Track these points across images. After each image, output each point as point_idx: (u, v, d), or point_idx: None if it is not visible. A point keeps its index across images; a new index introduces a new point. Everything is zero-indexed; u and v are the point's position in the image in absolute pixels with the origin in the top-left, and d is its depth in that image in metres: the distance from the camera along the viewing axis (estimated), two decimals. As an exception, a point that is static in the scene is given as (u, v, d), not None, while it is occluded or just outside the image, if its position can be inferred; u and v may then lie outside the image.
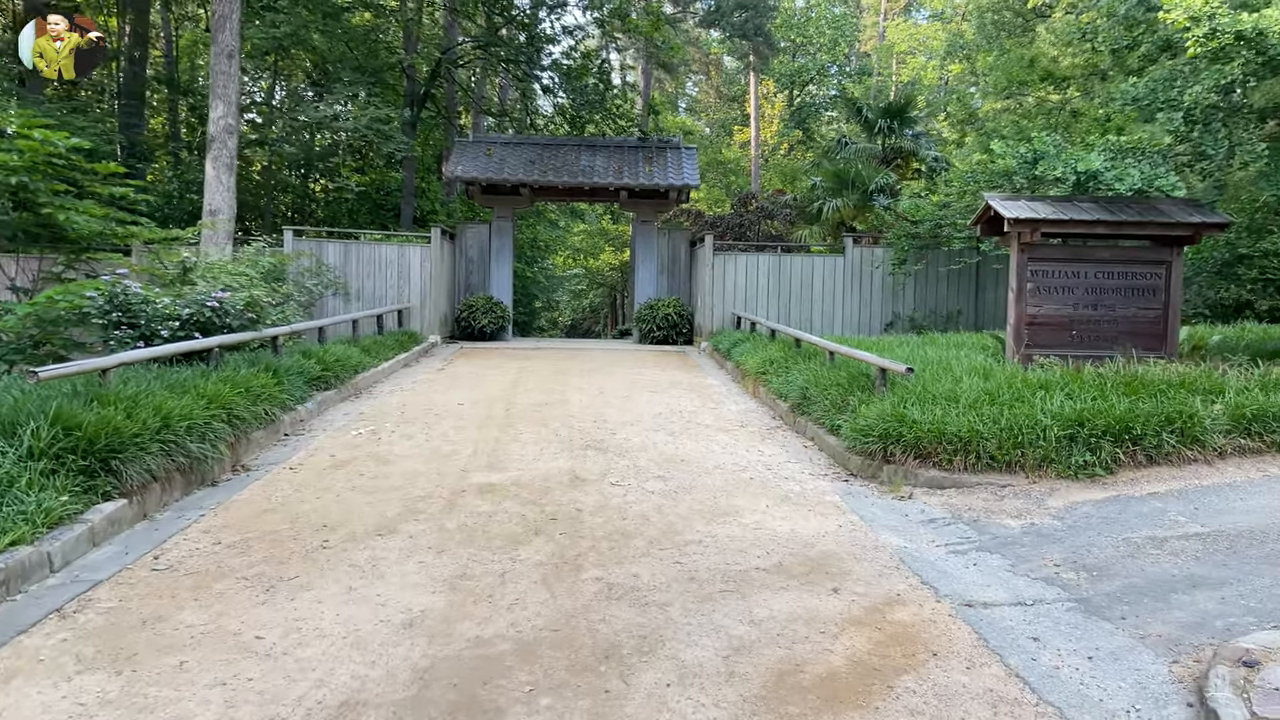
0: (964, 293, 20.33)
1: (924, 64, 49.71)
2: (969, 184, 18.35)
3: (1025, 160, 10.15)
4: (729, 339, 17.30)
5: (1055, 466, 7.48)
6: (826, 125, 47.08)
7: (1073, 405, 7.83)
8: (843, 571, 5.73)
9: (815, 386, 10.47)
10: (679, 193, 21.12)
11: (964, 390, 8.55)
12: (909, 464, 7.93)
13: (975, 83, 33.38)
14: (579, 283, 46.78)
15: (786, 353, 13.33)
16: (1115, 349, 10.49)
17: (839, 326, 20.09)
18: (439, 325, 19.51)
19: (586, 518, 6.69)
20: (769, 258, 20.42)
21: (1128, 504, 6.95)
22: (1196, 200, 10.47)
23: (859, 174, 22.47)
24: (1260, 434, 7.59)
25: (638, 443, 9.35)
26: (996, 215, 10.45)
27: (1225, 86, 9.35)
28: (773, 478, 8.16)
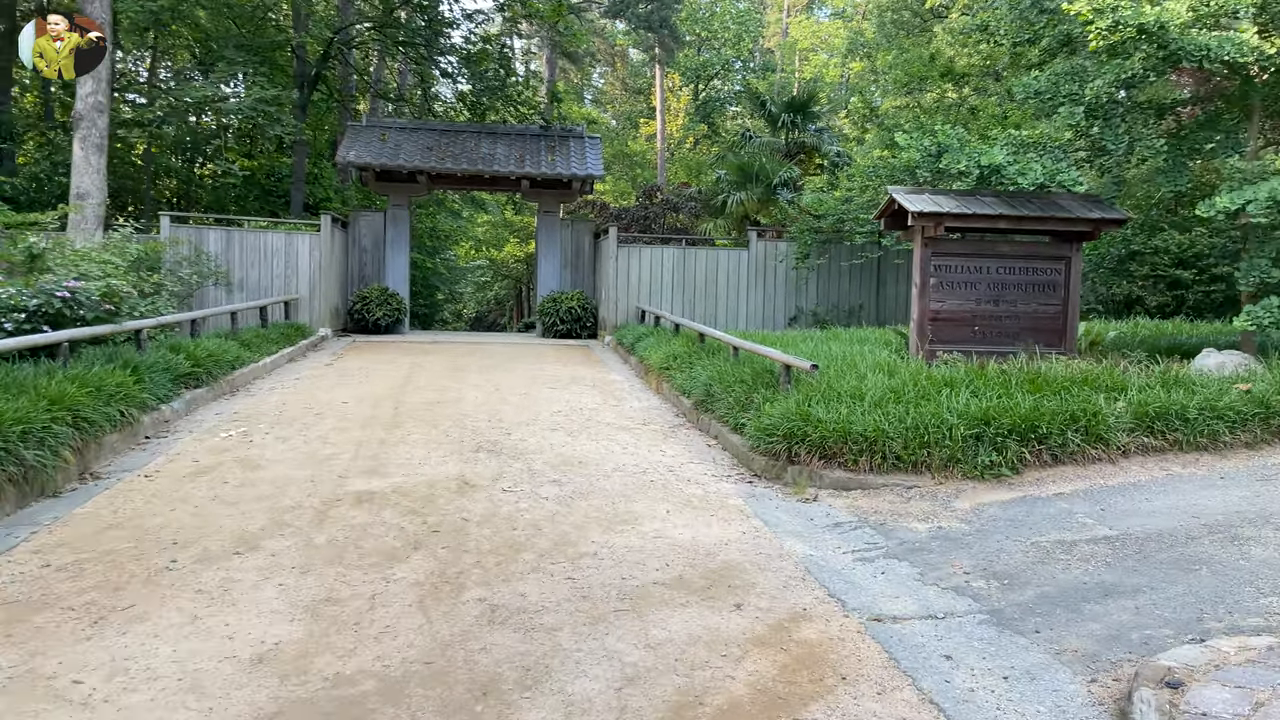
0: (866, 287, 20.37)
1: (826, 61, 50.26)
2: (871, 179, 18.35)
3: (929, 153, 10.00)
4: (633, 333, 16.91)
5: (962, 467, 7.28)
6: (731, 120, 47.20)
7: (978, 403, 7.65)
8: (746, 584, 5.37)
9: (719, 383, 10.14)
10: (583, 183, 20.63)
11: (869, 388, 8.31)
12: (814, 465, 7.64)
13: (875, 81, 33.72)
14: (483, 274, 45.86)
15: (690, 348, 13.00)
16: (1017, 345, 10.44)
17: (743, 321, 19.91)
18: (330, 318, 18.62)
19: (473, 529, 6.18)
20: (674, 251, 20.11)
21: (1034, 505, 6.78)
22: (1096, 196, 10.50)
23: (763, 168, 22.33)
24: (1163, 432, 7.53)
25: (534, 444, 8.86)
26: (900, 209, 10.28)
27: (1126, 81, 9.34)
28: (675, 480, 7.78)
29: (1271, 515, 6.17)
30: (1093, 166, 10.59)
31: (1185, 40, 8.63)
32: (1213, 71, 9.65)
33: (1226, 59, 8.43)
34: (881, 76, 30.67)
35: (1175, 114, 10.55)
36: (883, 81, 29.41)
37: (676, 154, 46.66)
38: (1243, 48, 8.38)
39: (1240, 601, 4.89)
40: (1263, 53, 8.46)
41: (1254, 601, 4.88)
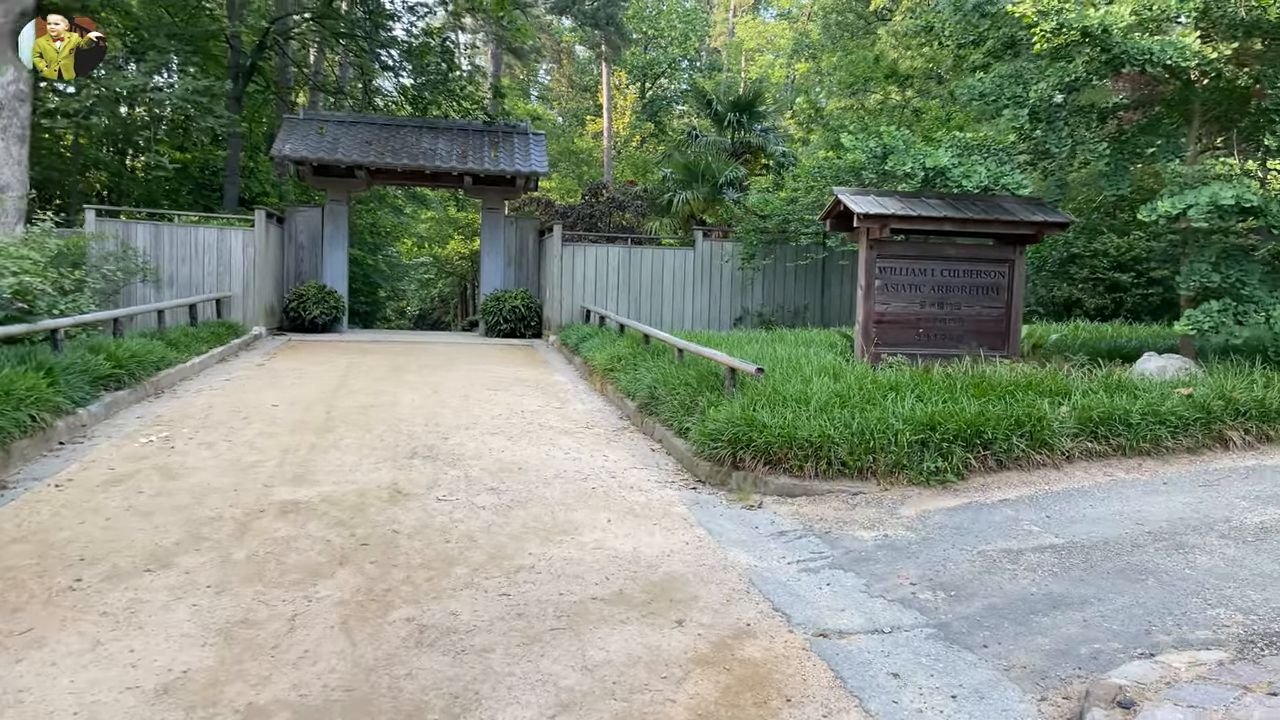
0: (811, 288, 20.36)
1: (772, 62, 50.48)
2: (816, 180, 18.34)
3: (875, 154, 9.92)
4: (578, 333, 16.67)
5: (907, 473, 7.18)
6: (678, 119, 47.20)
7: (924, 408, 7.56)
8: (689, 598, 5.18)
9: (664, 385, 9.96)
10: (527, 180, 20.32)
11: (815, 391, 8.19)
12: (759, 470, 7.48)
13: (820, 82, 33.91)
14: (426, 272, 45.23)
15: (635, 349, 12.81)
16: (961, 347, 10.41)
17: (689, 321, 19.77)
18: (264, 316, 18.07)
19: (404, 542, 5.90)
20: (619, 249, 19.90)
21: (980, 512, 6.70)
22: (1039, 199, 10.51)
23: (709, 167, 22.23)
24: (1106, 437, 7.50)
25: (472, 449, 8.58)
26: (846, 210, 10.18)
27: (1069, 84, 9.34)
28: (617, 487, 7.57)
29: (1215, 523, 6.14)
30: (1036, 169, 10.61)
31: (1128, 44, 8.65)
32: (1154, 76, 9.71)
33: (1169, 63, 8.46)
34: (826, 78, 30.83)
35: (1117, 118, 10.62)
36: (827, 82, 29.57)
37: (623, 152, 46.46)
38: (1185, 52, 8.42)
39: (1188, 613, 4.82)
40: (1204, 57, 8.51)
41: (1201, 613, 4.81)
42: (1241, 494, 6.72)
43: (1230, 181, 8.50)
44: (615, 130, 45.31)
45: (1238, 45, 8.64)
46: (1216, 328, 8.58)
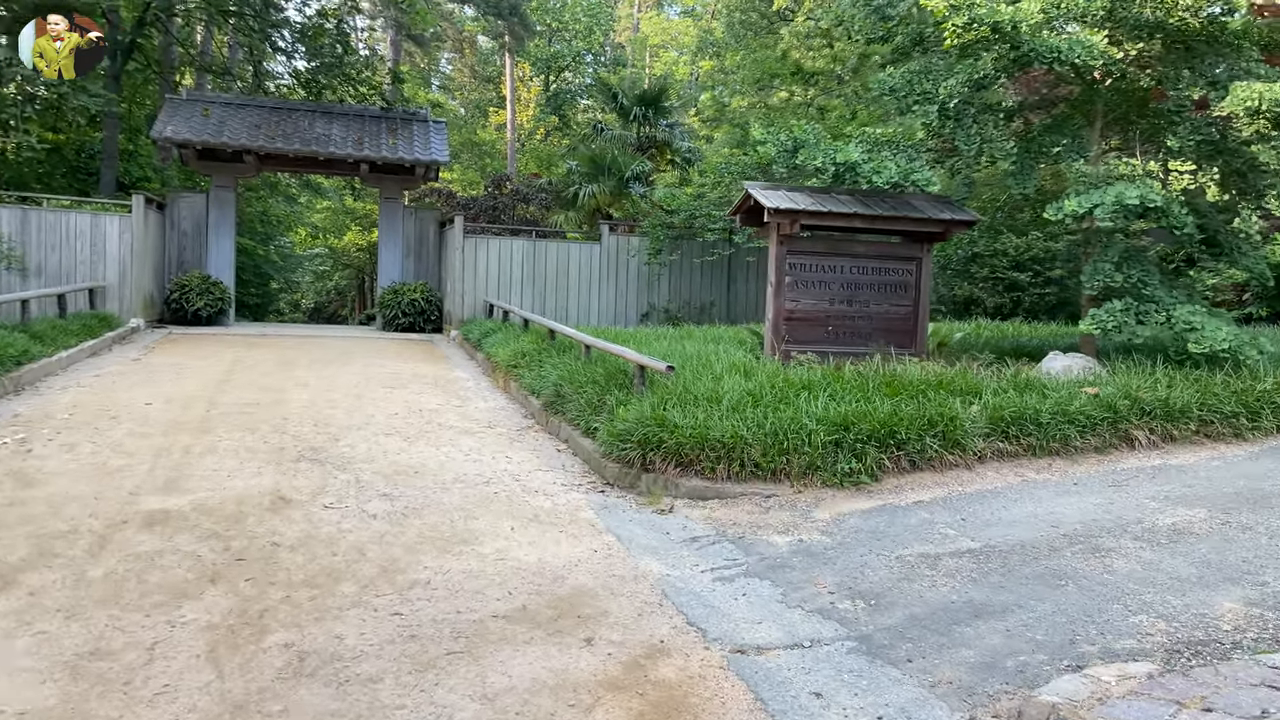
0: (717, 284, 20.24)
1: (676, 59, 50.49)
2: (723, 175, 18.21)
3: (786, 148, 9.74)
4: (480, 328, 16.14)
5: (821, 474, 6.97)
6: (583, 113, 46.81)
7: (837, 408, 7.37)
8: (598, 613, 4.83)
9: (570, 383, 9.59)
10: (427, 169, 19.64)
11: (726, 390, 7.93)
12: (670, 472, 7.19)
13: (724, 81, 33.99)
14: (322, 263, 43.73)
15: (540, 345, 12.39)
16: (870, 345, 10.32)
17: (595, 317, 19.42)
18: (143, 308, 17.00)
19: (285, 555, 5.40)
20: (524, 242, 19.40)
21: (895, 515, 6.53)
22: (947, 197, 10.51)
23: (615, 160, 21.90)
24: (1017, 437, 7.44)
25: (365, 451, 8.06)
26: (756, 205, 9.98)
27: (977, 81, 9.31)
28: (521, 491, 7.17)
29: (1128, 525, 6.10)
30: (944, 167, 10.61)
31: (1037, 41, 8.66)
32: (1060, 75, 9.79)
33: (1077, 61, 8.49)
34: (729, 76, 30.85)
35: (1024, 117, 10.68)
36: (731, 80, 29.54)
37: (527, 145, 45.77)
38: (1092, 50, 8.46)
39: (1110, 621, 4.70)
40: (1110, 57, 8.57)
41: (1124, 620, 4.69)
42: (1150, 494, 6.71)
43: (1134, 182, 8.59)
44: (519, 123, 44.60)
45: (1142, 46, 8.74)
46: (1119, 327, 8.66)
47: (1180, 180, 8.97)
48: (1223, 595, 4.94)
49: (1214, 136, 9.01)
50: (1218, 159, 9.12)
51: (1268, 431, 7.92)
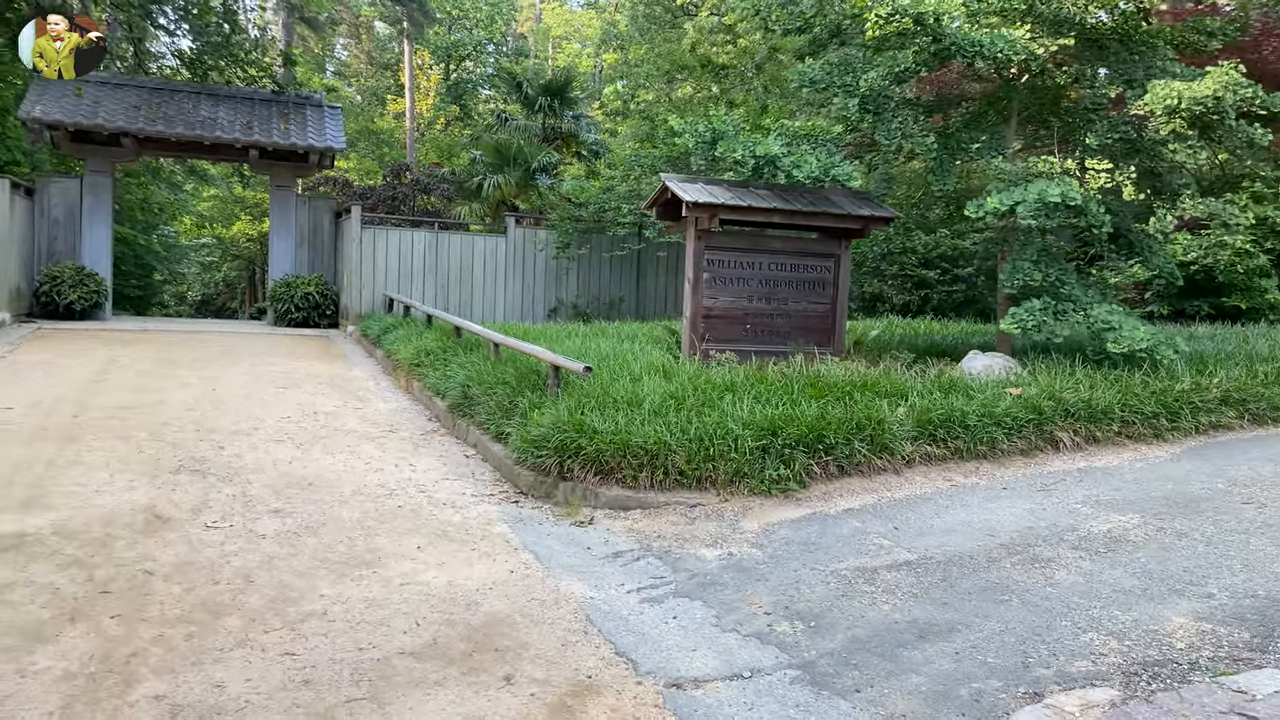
0: (626, 280, 19.86)
1: (579, 51, 49.96)
2: (633, 168, 17.82)
3: (704, 140, 9.39)
4: (380, 323, 15.40)
5: (748, 482, 6.64)
6: (484, 104, 45.91)
7: (763, 411, 7.04)
8: (518, 645, 4.37)
9: (478, 384, 9.07)
10: (321, 156, 18.70)
11: (647, 393, 7.53)
12: (589, 481, 6.75)
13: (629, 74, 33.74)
14: (210, 254, 41.74)
15: (445, 342, 11.79)
16: (788, 344, 10.07)
17: (501, 312, 18.82)
18: (9, 301, 15.69)
19: (159, 586, 4.77)
20: (425, 234, 18.66)
21: (826, 524, 6.23)
22: (866, 193, 10.33)
23: (521, 150, 21.32)
24: (945, 440, 7.24)
25: (254, 460, 7.40)
26: (673, 199, 9.60)
27: (898, 75, 9.12)
28: (428, 503, 6.63)
29: (1064, 532, 5.92)
30: (862, 162, 10.43)
31: (959, 35, 8.51)
32: (978, 72, 9.69)
33: (999, 55, 8.36)
34: (633, 70, 30.53)
35: (944, 113, 10.58)
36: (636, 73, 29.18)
37: (427, 134, 44.60)
38: (1015, 45, 8.35)
39: (1061, 640, 4.46)
40: (1032, 53, 8.48)
41: (1075, 639, 4.46)
42: (1080, 499, 6.58)
43: (1053, 180, 8.53)
44: (419, 111, 43.41)
45: (1062, 43, 8.68)
46: (1039, 326, 8.60)
47: (1097, 179, 8.94)
48: (1170, 609, 4.77)
49: (1131, 135, 9.03)
50: (1135, 158, 9.15)
51: (1187, 432, 7.93)
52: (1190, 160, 8.30)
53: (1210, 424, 8.00)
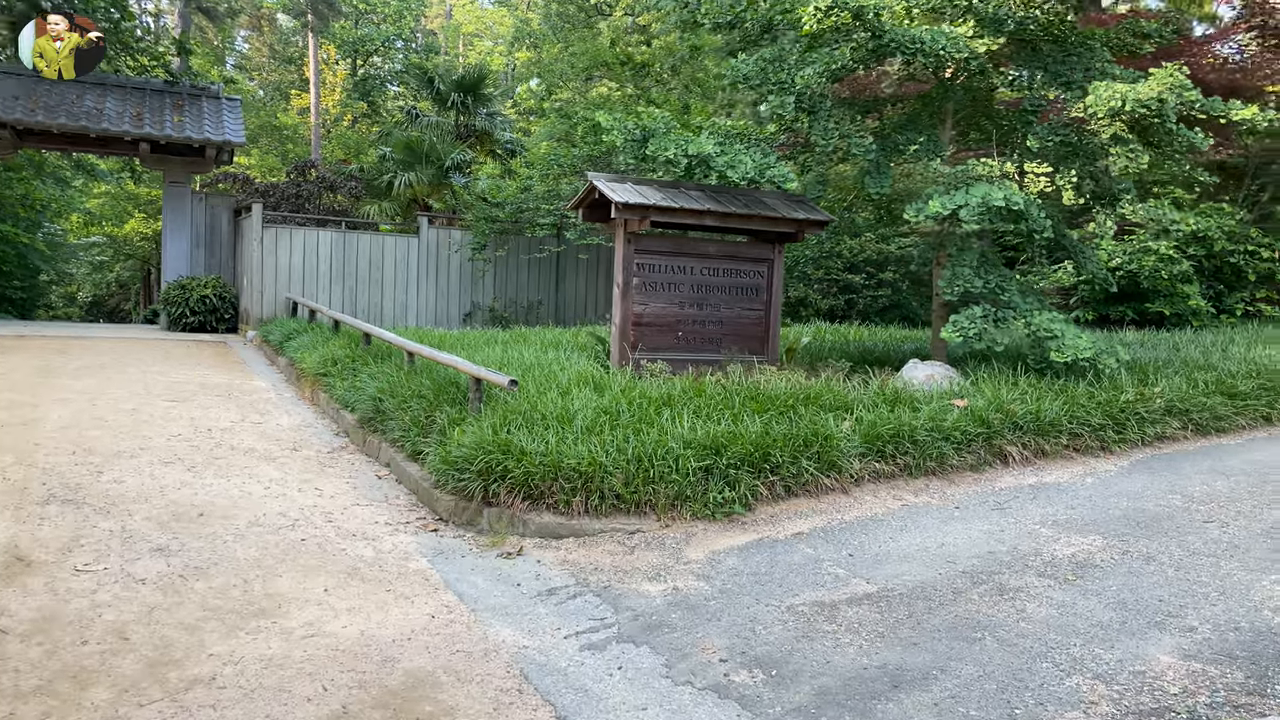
0: (545, 283, 19.24)
1: (491, 49, 49.05)
2: (552, 168, 17.24)
3: (633, 138, 8.87)
4: (283, 329, 14.48)
5: (691, 505, 6.14)
6: (393, 100, 44.70)
7: (705, 428, 6.56)
8: (444, 711, 3.79)
9: (391, 397, 8.39)
10: (219, 150, 17.60)
11: (578, 408, 6.98)
12: (517, 507, 6.17)
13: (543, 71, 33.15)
14: (101, 253, 39.52)
15: (354, 350, 11.02)
16: (721, 352, 9.64)
17: (414, 317, 18.01)
18: None
19: (14, 648, 4.04)
20: (332, 234, 17.73)
21: (775, 552, 5.77)
22: (800, 196, 9.96)
23: (434, 147, 20.52)
24: (893, 456, 6.87)
25: (137, 487, 6.60)
26: (601, 199, 9.07)
27: (834, 72, 8.77)
28: (336, 535, 5.96)
29: (1027, 558, 5.57)
30: (796, 163, 10.05)
31: (899, 32, 8.18)
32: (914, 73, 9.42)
33: (941, 53, 8.06)
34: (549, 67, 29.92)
35: (878, 113, 10.28)
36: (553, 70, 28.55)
37: (333, 131, 43.14)
38: (957, 43, 8.06)
39: (1046, 685, 4.07)
40: (973, 51, 8.21)
41: (1059, 684, 4.08)
42: (1037, 519, 6.26)
43: (993, 183, 8.28)
44: (324, 107, 41.94)
45: (1003, 41, 8.43)
46: (980, 334, 8.33)
47: (1036, 183, 8.72)
48: (1154, 646, 4.43)
49: (1071, 139, 8.85)
50: (1075, 161, 8.97)
51: (1133, 443, 7.73)
52: (1133, 165, 8.13)
53: (1156, 435, 7.83)
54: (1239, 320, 12.70)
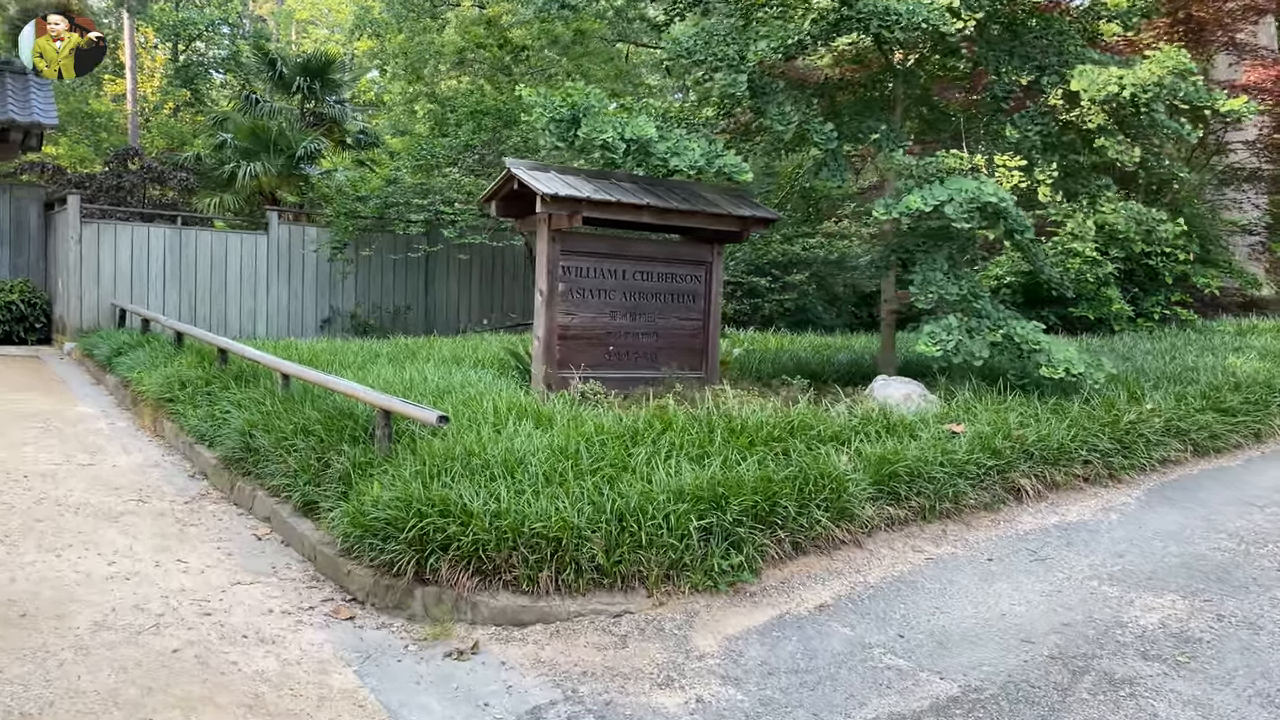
0: (413, 286, 17.50)
1: (328, 37, 46.22)
2: (425, 158, 15.60)
3: (560, 118, 7.51)
4: (110, 341, 12.31)
5: (689, 575, 4.87)
6: (219, 90, 41.40)
7: (696, 473, 5.29)
8: None
9: (266, 432, 6.76)
10: (26, 134, 14.99)
11: (525, 448, 5.58)
12: (462, 585, 4.74)
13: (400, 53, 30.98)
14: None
15: (207, 370, 9.19)
16: (657, 368, 8.41)
17: (263, 325, 15.94)
18: None
19: None
20: (165, 231, 15.45)
21: (805, 634, 4.57)
22: (740, 190, 8.83)
23: (283, 134, 18.39)
24: (906, 498, 5.79)
25: (-78, 576, 4.79)
26: (521, 190, 7.67)
27: (788, 49, 7.67)
28: (220, 639, 4.38)
29: (1110, 629, 4.58)
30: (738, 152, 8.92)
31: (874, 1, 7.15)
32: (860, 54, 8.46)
33: (923, 25, 7.06)
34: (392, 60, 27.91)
35: (830, 98, 9.26)
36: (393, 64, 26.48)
37: (154, 120, 39.40)
38: (943, 15, 7.08)
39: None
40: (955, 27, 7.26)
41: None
42: (1087, 572, 5.31)
43: (973, 177, 7.40)
44: (143, 94, 38.18)
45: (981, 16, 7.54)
46: (957, 347, 7.42)
47: (1010, 177, 7.91)
48: (1348, 760, 3.47)
49: (1052, 128, 8.06)
50: (1054, 154, 8.18)
51: (1141, 468, 6.96)
52: (1126, 157, 7.44)
53: (1159, 459, 7.09)
54: (1156, 324, 12.50)
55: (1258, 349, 10.05)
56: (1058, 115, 8.04)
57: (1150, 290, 12.75)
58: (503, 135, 15.47)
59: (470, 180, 15.36)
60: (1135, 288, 12.67)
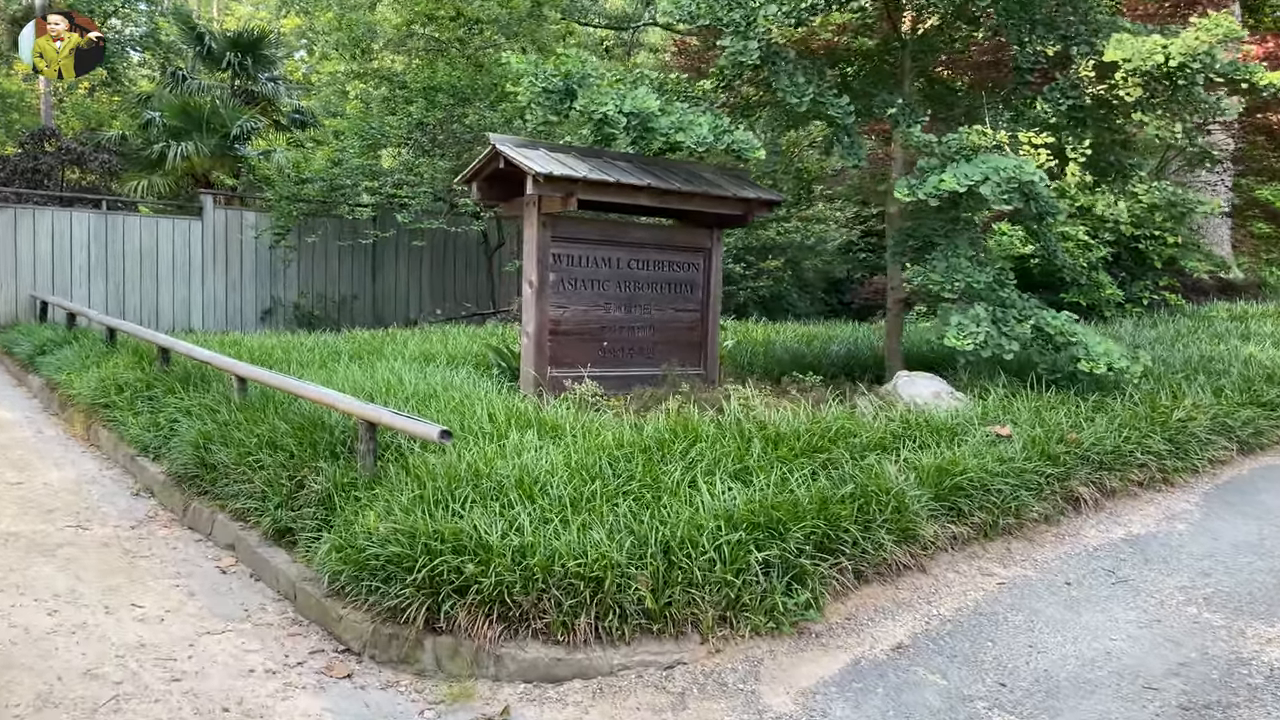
0: (359, 274, 16.51)
1: (252, 14, 44.36)
2: (372, 136, 14.62)
3: (552, 88, 6.72)
4: (33, 338, 11.21)
5: (748, 616, 4.18)
6: (137, 68, 39.38)
7: (746, 493, 4.61)
8: None
9: (226, 444, 5.91)
10: (-70, 108, 13.67)
11: (538, 465, 4.83)
12: (483, 634, 3.99)
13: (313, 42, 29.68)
14: None
15: (147, 371, 8.25)
16: (657, 364, 7.71)
17: (199, 316, 14.84)
18: None
19: None
20: (89, 217, 14.25)
21: (890, 685, 3.93)
22: (740, 171, 8.14)
23: (216, 112, 17.17)
24: (965, 512, 5.18)
25: None
26: (508, 170, 6.87)
27: (801, 13, 6.97)
28: (195, 712, 3.58)
29: (1234, 668, 4.03)
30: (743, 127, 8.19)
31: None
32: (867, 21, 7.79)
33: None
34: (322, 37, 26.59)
35: (840, 70, 8.59)
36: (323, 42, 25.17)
37: (69, 101, 37.28)
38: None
39: None
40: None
41: None
42: (1180, 596, 4.76)
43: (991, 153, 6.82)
44: (57, 71, 36.04)
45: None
46: (987, 340, 6.85)
47: (1036, 155, 7.35)
48: None
49: (1085, 103, 7.47)
50: (1085, 130, 7.62)
51: (1194, 470, 6.46)
52: (1167, 133, 6.93)
53: (1209, 459, 6.61)
54: (1144, 310, 12.16)
55: (1269, 336, 9.70)
56: (1086, 89, 7.49)
57: (1138, 275, 12.41)
58: (456, 114, 14.55)
59: (426, 161, 14.41)
60: (1123, 272, 12.32)
